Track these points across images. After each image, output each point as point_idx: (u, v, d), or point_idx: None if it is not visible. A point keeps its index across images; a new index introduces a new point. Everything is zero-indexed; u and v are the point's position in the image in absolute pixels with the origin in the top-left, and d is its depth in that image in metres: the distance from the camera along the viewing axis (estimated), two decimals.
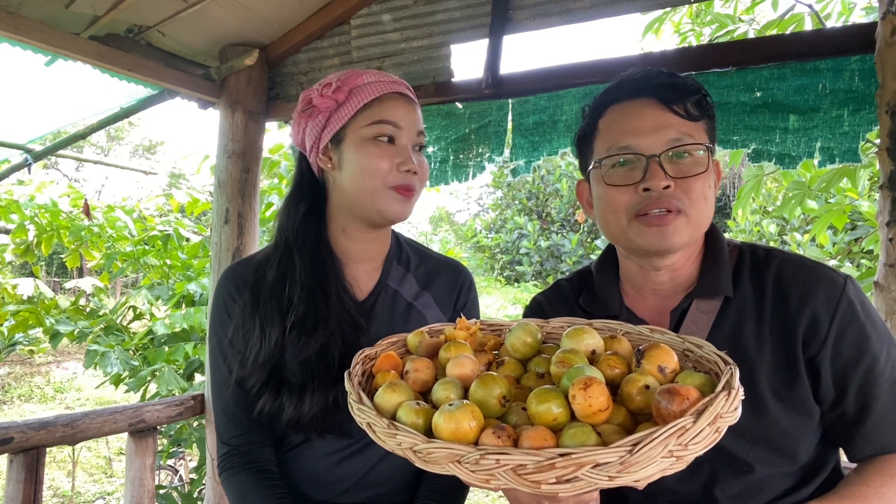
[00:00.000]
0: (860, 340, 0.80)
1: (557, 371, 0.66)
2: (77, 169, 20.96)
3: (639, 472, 0.47)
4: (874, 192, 2.79)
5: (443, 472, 0.54)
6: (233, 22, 2.12)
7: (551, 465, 0.48)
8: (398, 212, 1.00)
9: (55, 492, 5.11)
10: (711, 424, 0.49)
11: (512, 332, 0.77)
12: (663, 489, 0.86)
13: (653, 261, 0.88)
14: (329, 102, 1.00)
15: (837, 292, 0.82)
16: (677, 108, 0.84)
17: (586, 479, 0.47)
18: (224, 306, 1.05)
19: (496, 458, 0.50)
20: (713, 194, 0.87)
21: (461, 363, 0.70)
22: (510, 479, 0.49)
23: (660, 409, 0.53)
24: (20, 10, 1.69)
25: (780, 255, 0.89)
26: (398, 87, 1.02)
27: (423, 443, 0.55)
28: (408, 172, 0.99)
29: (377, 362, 0.77)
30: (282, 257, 1.03)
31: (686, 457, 0.48)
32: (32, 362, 9.86)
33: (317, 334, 0.96)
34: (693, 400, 0.51)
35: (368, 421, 0.62)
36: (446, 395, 0.65)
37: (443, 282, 1.14)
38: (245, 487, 0.99)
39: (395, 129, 0.99)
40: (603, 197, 0.89)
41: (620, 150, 0.86)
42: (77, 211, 4.07)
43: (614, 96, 0.90)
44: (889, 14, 1.37)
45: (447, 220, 19.12)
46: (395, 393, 0.65)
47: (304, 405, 0.94)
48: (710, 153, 0.86)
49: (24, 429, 1.62)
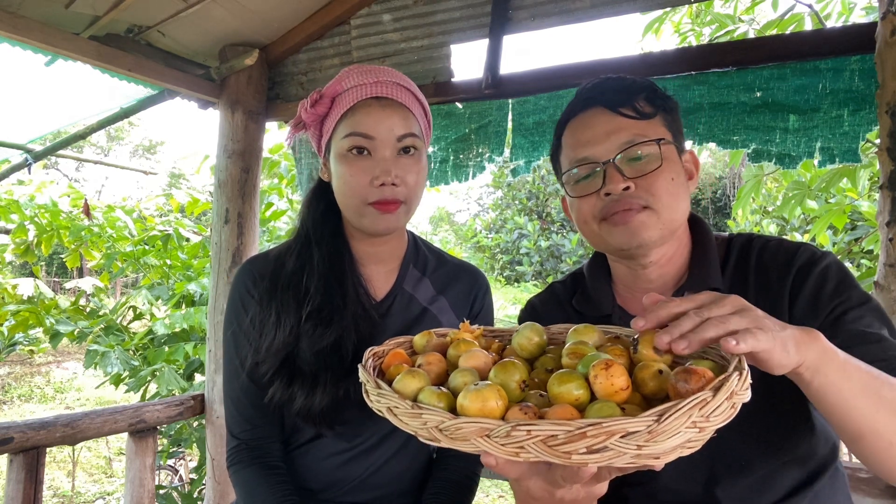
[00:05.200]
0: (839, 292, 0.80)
1: (570, 362, 0.66)
2: (77, 169, 20.98)
3: (664, 443, 0.48)
4: (874, 192, 2.79)
5: (469, 450, 0.54)
6: (233, 22, 2.12)
7: (582, 433, 0.49)
8: (383, 228, 0.98)
9: (55, 492, 5.11)
10: (728, 399, 0.51)
11: (519, 332, 0.77)
12: (663, 489, 0.86)
13: (636, 260, 0.89)
14: (313, 116, 1.00)
15: (814, 259, 0.83)
16: (625, 110, 0.86)
17: (616, 448, 0.48)
18: (240, 298, 1.04)
19: (527, 430, 0.50)
20: (683, 186, 0.87)
21: (474, 355, 0.71)
22: (541, 451, 0.50)
23: (677, 388, 0.55)
24: (20, 10, 1.69)
25: (761, 240, 0.90)
26: (379, 89, 0.96)
27: (450, 419, 0.55)
28: (384, 186, 0.94)
29: (386, 359, 0.77)
30: (302, 248, 1.04)
31: (708, 428, 0.50)
32: (32, 362, 9.86)
33: (333, 326, 0.96)
34: (709, 378, 0.54)
35: (389, 405, 0.62)
36: (464, 381, 0.65)
37: (459, 287, 1.14)
38: (253, 482, 0.99)
39: (367, 141, 0.95)
40: (574, 208, 0.92)
41: (579, 162, 0.88)
42: (77, 211, 4.08)
43: (571, 110, 0.93)
44: (889, 14, 1.37)
45: (447, 220, 19.13)
46: (415, 379, 0.65)
47: (315, 396, 0.94)
48: (673, 146, 0.87)
49: (24, 429, 1.62)
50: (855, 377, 0.62)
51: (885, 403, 0.63)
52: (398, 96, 0.98)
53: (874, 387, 0.63)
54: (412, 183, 0.98)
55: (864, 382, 0.63)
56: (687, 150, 0.93)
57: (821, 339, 0.61)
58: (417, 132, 0.99)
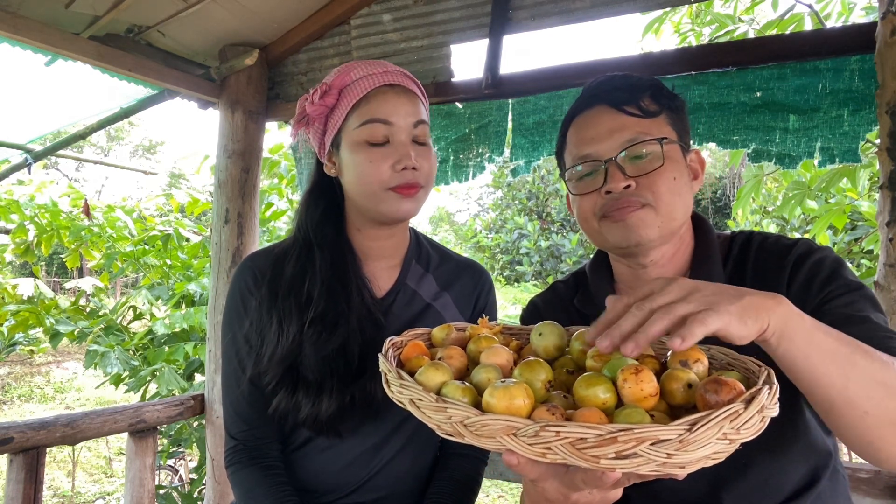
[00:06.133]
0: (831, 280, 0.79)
1: (594, 364, 0.66)
2: (77, 169, 20.98)
3: (693, 453, 0.47)
4: (874, 192, 2.79)
5: (493, 447, 0.53)
6: (233, 22, 2.12)
7: (613, 438, 0.47)
8: (404, 211, 0.97)
9: (55, 492, 5.11)
10: (759, 413, 0.50)
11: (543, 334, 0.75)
12: (666, 489, 0.86)
13: (635, 258, 0.89)
14: (321, 109, 0.99)
15: (810, 251, 0.83)
16: (630, 108, 0.86)
17: (645, 455, 0.47)
18: (241, 299, 1.03)
19: (556, 431, 0.49)
20: (686, 185, 0.87)
21: (497, 352, 0.70)
22: (568, 453, 0.49)
23: (706, 399, 0.54)
24: (20, 10, 1.69)
25: (761, 236, 0.90)
26: (390, 77, 0.98)
27: (476, 415, 0.54)
28: (406, 170, 0.94)
29: (405, 351, 0.75)
30: (301, 252, 1.02)
31: (737, 440, 0.49)
32: (32, 362, 9.86)
33: (338, 331, 0.94)
34: (739, 390, 0.53)
35: (412, 397, 0.60)
36: (488, 377, 0.64)
37: (463, 283, 1.13)
38: (251, 482, 0.98)
39: (387, 128, 0.95)
40: (576, 205, 0.92)
41: (581, 160, 0.88)
42: (77, 211, 4.08)
43: (576, 108, 0.93)
44: (889, 14, 1.37)
45: (447, 220, 19.13)
46: (439, 372, 0.64)
47: (321, 403, 0.93)
48: (678, 145, 0.87)
49: (24, 429, 1.62)
50: (824, 343, 0.60)
51: (857, 371, 0.60)
52: (408, 84, 1.00)
53: (845, 353, 0.61)
54: (427, 169, 0.98)
55: (833, 349, 0.60)
56: (693, 149, 0.93)
57: (784, 304, 0.59)
58: (427, 120, 1.01)
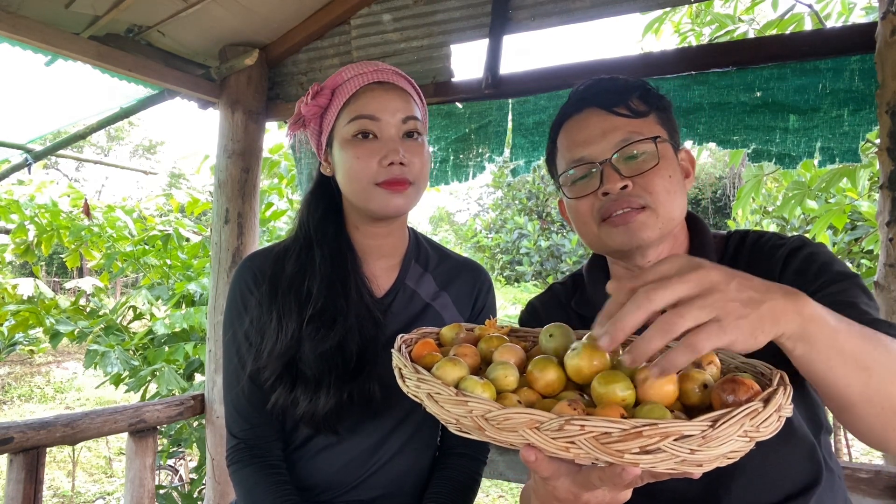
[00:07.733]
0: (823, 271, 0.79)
1: None
2: (77, 169, 20.97)
3: (715, 450, 0.47)
4: (874, 192, 2.79)
5: (515, 441, 0.53)
6: (233, 22, 2.12)
7: (638, 433, 0.47)
8: (394, 207, 0.97)
9: (55, 492, 5.11)
10: (777, 412, 0.50)
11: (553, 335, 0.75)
12: (664, 488, 0.86)
13: (633, 260, 0.89)
14: (314, 109, 1.00)
15: (803, 245, 0.83)
16: (620, 109, 0.86)
17: (668, 450, 0.47)
18: (241, 298, 1.04)
19: (581, 425, 0.49)
20: (680, 184, 0.87)
21: (510, 350, 0.70)
22: (591, 447, 0.49)
23: (724, 399, 0.54)
24: (20, 10, 1.69)
25: (756, 234, 0.90)
26: (379, 75, 0.99)
27: (498, 409, 0.54)
28: (393, 166, 0.94)
29: (416, 349, 0.74)
30: (301, 250, 1.03)
31: (755, 438, 0.49)
32: (32, 362, 9.86)
33: (336, 328, 0.95)
34: (756, 391, 0.53)
35: (430, 391, 0.60)
36: (504, 374, 0.64)
37: (462, 283, 1.13)
38: (252, 481, 0.99)
39: (373, 123, 0.96)
40: (572, 209, 0.92)
41: (575, 163, 0.88)
42: (77, 211, 4.08)
43: (565, 112, 0.93)
44: (889, 14, 1.37)
45: (447, 220, 19.13)
46: (457, 367, 0.64)
47: (319, 399, 0.93)
48: (669, 144, 0.87)
49: (24, 429, 1.62)
50: (847, 345, 0.56)
51: (878, 368, 0.57)
52: (399, 82, 1.01)
53: (867, 351, 0.57)
54: (419, 166, 0.98)
55: (856, 350, 0.56)
56: (682, 148, 0.93)
57: (808, 307, 0.54)
58: (419, 117, 1.01)
